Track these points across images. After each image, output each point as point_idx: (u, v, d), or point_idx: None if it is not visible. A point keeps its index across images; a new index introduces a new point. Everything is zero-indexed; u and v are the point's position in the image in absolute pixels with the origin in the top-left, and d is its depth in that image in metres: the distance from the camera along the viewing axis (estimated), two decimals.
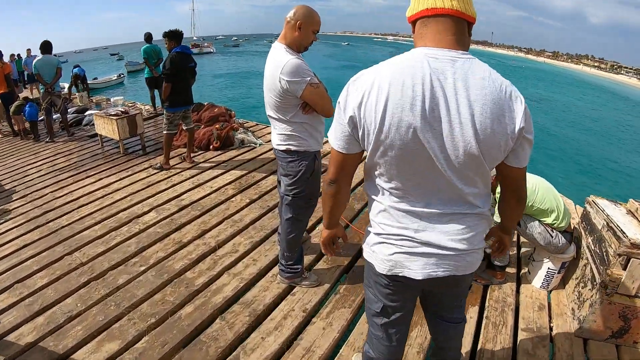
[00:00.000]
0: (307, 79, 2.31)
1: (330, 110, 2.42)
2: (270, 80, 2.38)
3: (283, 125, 2.50)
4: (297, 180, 2.60)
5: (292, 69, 2.27)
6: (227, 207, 4.33)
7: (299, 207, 2.71)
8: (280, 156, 2.62)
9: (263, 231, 3.80)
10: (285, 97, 2.37)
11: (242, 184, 4.93)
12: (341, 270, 3.20)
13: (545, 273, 2.93)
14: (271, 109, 2.50)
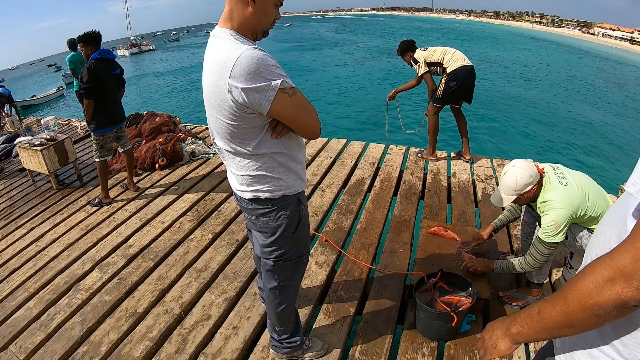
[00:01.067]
0: (276, 81, 1.42)
1: (317, 128, 1.65)
2: (214, 92, 1.49)
3: (244, 161, 1.64)
4: (277, 239, 1.81)
5: (249, 67, 1.38)
6: (185, 249, 3.37)
7: (285, 271, 1.95)
8: (247, 207, 1.79)
9: (237, 280, 2.95)
10: (242, 117, 1.49)
11: (200, 212, 3.97)
12: (349, 323, 2.54)
13: None
14: (221, 137, 1.63)
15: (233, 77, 1.39)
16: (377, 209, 3.68)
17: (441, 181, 4.17)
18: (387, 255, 3.09)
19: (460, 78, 4.06)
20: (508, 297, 2.65)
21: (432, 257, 2.83)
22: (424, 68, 4.26)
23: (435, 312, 2.24)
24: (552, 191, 2.25)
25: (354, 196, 3.92)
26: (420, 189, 4.05)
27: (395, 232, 3.37)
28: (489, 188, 4.09)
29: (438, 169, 4.43)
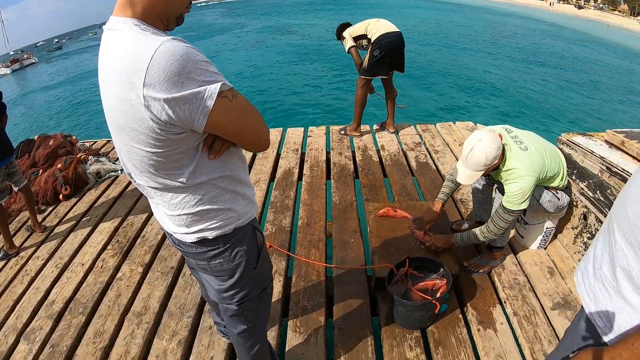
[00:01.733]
0: (212, 85, 1.07)
1: (266, 135, 1.32)
2: (122, 111, 1.09)
3: (178, 197, 1.28)
4: (237, 281, 1.49)
5: (171, 67, 1.00)
6: (117, 292, 2.86)
7: (252, 310, 1.64)
8: (191, 252, 1.44)
9: (186, 315, 2.55)
10: (168, 141, 1.12)
11: (122, 242, 3.42)
12: (323, 335, 2.32)
13: (544, 233, 2.66)
14: (141, 172, 1.24)
15: (149, 85, 1.00)
16: (314, 200, 3.48)
17: (372, 157, 4.08)
18: (339, 249, 2.92)
19: (384, 46, 3.91)
20: (473, 265, 2.64)
21: (389, 242, 2.71)
22: (350, 43, 4.09)
23: (417, 304, 2.14)
24: (514, 158, 2.22)
25: (286, 189, 3.68)
26: (353, 169, 3.92)
27: (340, 221, 3.21)
28: (421, 156, 4.08)
29: (365, 144, 4.33)
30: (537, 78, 12.26)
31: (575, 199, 2.64)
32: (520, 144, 2.27)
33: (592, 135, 2.71)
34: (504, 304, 2.45)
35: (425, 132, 4.58)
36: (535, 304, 2.42)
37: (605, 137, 2.63)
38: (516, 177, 2.17)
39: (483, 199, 2.78)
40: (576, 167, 2.61)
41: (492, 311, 2.40)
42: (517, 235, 2.84)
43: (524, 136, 2.33)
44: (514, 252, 2.79)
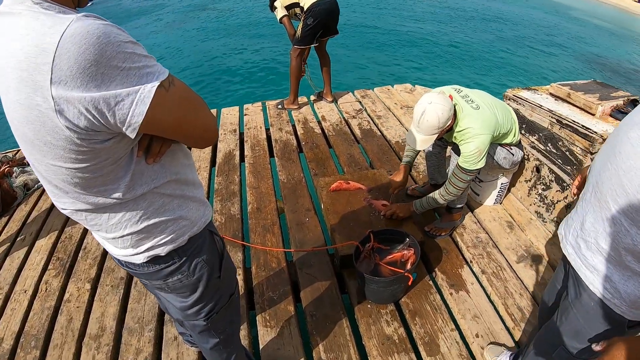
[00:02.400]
0: (145, 70, 0.85)
1: (213, 127, 1.08)
2: (27, 121, 0.84)
3: (116, 216, 1.06)
4: (201, 295, 1.33)
5: (87, 55, 0.76)
6: (67, 317, 2.53)
7: (222, 321, 1.49)
8: (143, 272, 1.23)
9: (147, 330, 2.32)
10: (94, 152, 0.90)
11: (63, 259, 3.05)
12: (296, 325, 2.20)
13: (499, 189, 2.67)
14: (65, 193, 1.00)
15: (59, 83, 0.77)
16: (260, 182, 3.29)
17: (313, 129, 3.93)
18: (296, 230, 2.77)
19: (317, 14, 3.70)
20: (435, 229, 2.62)
21: (347, 217, 2.61)
22: (281, 12, 3.82)
23: (390, 280, 2.06)
24: (467, 118, 2.16)
25: (229, 174, 3.44)
26: (296, 144, 3.75)
27: (291, 200, 3.05)
28: (364, 123, 3.99)
29: (304, 117, 4.16)
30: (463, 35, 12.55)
31: (527, 153, 2.67)
32: (471, 102, 2.22)
33: (537, 89, 2.73)
34: (470, 263, 2.46)
35: (365, 98, 4.48)
36: (501, 259, 2.45)
37: (550, 91, 2.66)
38: (471, 137, 2.13)
39: (437, 162, 2.74)
40: (525, 121, 2.63)
41: (460, 273, 2.39)
42: (473, 194, 2.84)
43: (474, 95, 2.29)
44: (472, 210, 2.80)
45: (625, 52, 12.67)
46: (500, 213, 2.75)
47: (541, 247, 2.51)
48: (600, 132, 2.18)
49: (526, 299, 2.22)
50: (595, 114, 2.33)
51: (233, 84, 7.93)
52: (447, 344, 2.01)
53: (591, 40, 13.29)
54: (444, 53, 10.55)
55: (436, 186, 2.86)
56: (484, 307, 2.19)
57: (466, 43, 11.63)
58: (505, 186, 2.69)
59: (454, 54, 10.54)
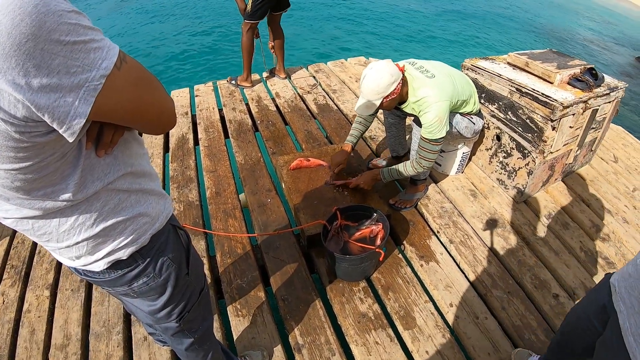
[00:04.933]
0: (92, 45, 0.69)
1: (172, 108, 0.94)
2: None
3: (67, 221, 0.94)
4: (171, 296, 1.23)
5: (20, 28, 0.61)
6: (30, 328, 2.33)
7: (195, 320, 1.40)
8: (104, 280, 1.10)
9: (114, 333, 2.19)
10: (35, 148, 0.75)
11: (18, 265, 2.78)
12: (269, 311, 2.14)
13: (461, 158, 2.70)
14: (5, 199, 0.85)
15: None
16: (217, 165, 3.16)
17: (268, 107, 3.81)
18: (258, 213, 2.68)
19: None
20: (399, 202, 2.61)
21: (310, 195, 2.56)
22: None
23: (361, 257, 2.02)
24: (423, 87, 2.15)
25: (184, 159, 3.28)
26: (251, 123, 3.62)
27: (251, 182, 2.95)
28: (319, 98, 3.91)
29: (258, 94, 4.02)
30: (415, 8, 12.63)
31: (487, 121, 2.71)
32: (426, 72, 2.21)
33: (495, 59, 2.76)
34: (438, 234, 2.47)
35: (319, 73, 4.38)
36: (467, 228, 2.48)
37: (508, 60, 2.69)
38: (429, 105, 2.12)
39: (397, 133, 2.73)
40: (484, 90, 2.64)
41: (429, 244, 2.40)
42: (435, 164, 2.85)
43: (429, 65, 2.28)
44: (435, 181, 2.81)
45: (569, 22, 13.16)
46: (462, 182, 2.78)
47: (505, 214, 2.56)
48: (560, 100, 2.22)
49: (495, 265, 2.27)
50: (554, 82, 2.38)
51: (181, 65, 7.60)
52: (423, 316, 2.02)
53: (535, 12, 13.74)
54: (397, 27, 10.58)
55: (397, 158, 2.86)
56: (455, 276, 2.21)
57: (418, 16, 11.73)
58: (467, 155, 2.71)
59: (407, 28, 10.60)
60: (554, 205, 2.68)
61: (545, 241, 2.44)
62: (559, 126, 2.30)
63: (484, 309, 2.06)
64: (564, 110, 2.24)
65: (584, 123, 2.48)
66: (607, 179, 3.00)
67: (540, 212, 2.61)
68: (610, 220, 2.63)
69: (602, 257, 2.39)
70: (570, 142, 2.52)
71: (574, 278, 2.25)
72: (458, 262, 2.29)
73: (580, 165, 2.98)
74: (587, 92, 2.36)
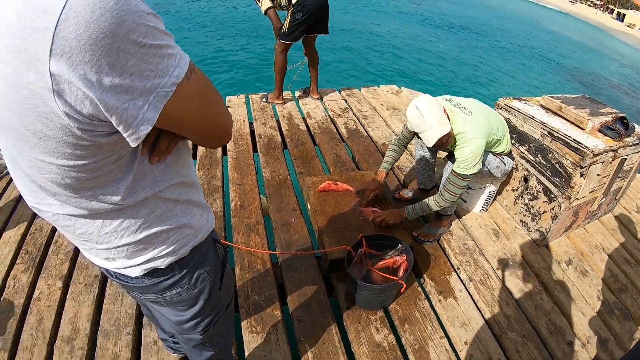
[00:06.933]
0: (166, 51, 0.69)
1: (230, 123, 0.95)
2: (11, 102, 0.65)
3: (112, 224, 0.93)
4: (201, 309, 1.24)
5: (99, 24, 0.59)
6: (38, 316, 2.37)
7: (218, 334, 1.42)
8: (137, 285, 1.11)
9: (124, 333, 2.22)
10: (95, 147, 0.74)
11: (33, 252, 2.85)
12: (283, 331, 2.18)
13: (487, 197, 2.76)
14: (51, 194, 0.84)
15: (62, 55, 0.59)
16: (244, 178, 3.27)
17: (298, 126, 3.92)
18: (281, 231, 2.75)
19: (307, 9, 3.64)
20: (423, 235, 2.67)
21: (336, 219, 2.62)
22: (267, 4, 3.72)
23: (383, 287, 2.10)
24: (460, 123, 2.22)
25: (211, 168, 3.39)
26: (281, 140, 3.74)
27: (276, 199, 3.03)
28: (350, 122, 4.01)
29: (289, 112, 4.14)
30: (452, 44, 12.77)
31: (516, 162, 2.76)
32: (463, 109, 2.29)
33: (528, 100, 2.83)
34: (458, 270, 2.52)
35: (351, 97, 4.50)
36: (487, 267, 2.53)
37: (541, 102, 2.76)
38: (466, 141, 2.19)
39: (427, 166, 2.80)
40: (516, 131, 2.71)
41: (449, 279, 2.45)
42: (460, 200, 2.92)
43: (466, 102, 2.36)
44: (458, 216, 2.87)
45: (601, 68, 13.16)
46: (486, 220, 2.84)
47: (526, 256, 2.61)
48: (591, 147, 2.28)
49: (512, 307, 2.31)
50: (586, 128, 2.44)
51: (216, 74, 7.80)
52: (437, 352, 2.07)
53: (568, 54, 13.78)
54: (430, 59, 10.70)
55: (425, 191, 2.92)
56: (472, 314, 2.26)
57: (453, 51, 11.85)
58: (493, 194, 2.77)
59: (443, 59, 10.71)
60: (575, 251, 2.72)
61: (563, 287, 2.48)
62: (587, 173, 2.36)
63: (498, 350, 2.10)
64: (594, 157, 2.29)
65: (611, 171, 2.53)
66: (628, 229, 3.03)
67: (561, 257, 2.65)
68: (629, 271, 2.65)
69: (618, 307, 2.41)
70: (596, 189, 2.57)
71: (589, 327, 2.28)
72: (476, 301, 2.34)
73: (604, 213, 3.01)
74: (618, 141, 2.41)
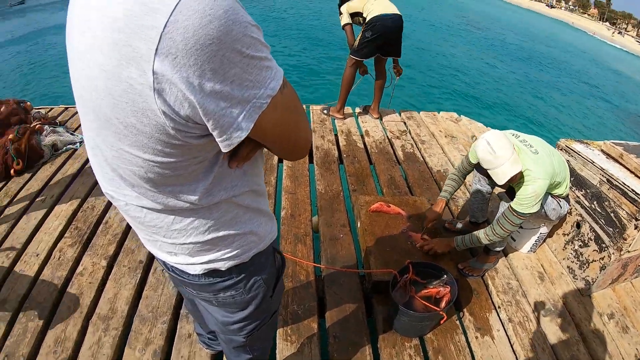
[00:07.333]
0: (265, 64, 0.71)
1: (311, 138, 1.00)
2: (109, 94, 0.69)
3: (184, 221, 0.95)
4: (251, 314, 1.25)
5: (208, 30, 0.61)
6: (78, 290, 2.47)
7: (260, 339, 1.45)
8: (193, 283, 1.13)
9: (160, 321, 2.29)
10: (184, 148, 0.76)
11: (82, 229, 3.00)
12: (317, 344, 2.23)
13: (537, 238, 2.77)
14: (130, 185, 0.87)
15: (167, 56, 0.62)
16: (298, 187, 3.41)
17: (356, 143, 4.04)
18: (328, 245, 2.85)
19: (378, 28, 3.77)
20: (468, 269, 2.70)
21: (384, 241, 2.69)
22: (346, 19, 3.91)
23: (424, 316, 2.16)
24: (526, 161, 2.24)
25: (266, 175, 3.55)
26: (337, 155, 3.86)
27: (327, 213, 3.15)
28: (407, 145, 4.09)
29: (348, 128, 4.27)
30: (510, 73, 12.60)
31: (570, 207, 2.75)
32: (530, 147, 2.31)
33: (590, 144, 2.80)
34: (498, 309, 2.54)
35: (410, 120, 4.58)
36: (528, 309, 2.53)
37: (602, 147, 2.73)
38: (530, 180, 2.21)
39: (482, 200, 2.83)
40: (574, 174, 2.70)
41: (488, 317, 2.48)
42: (510, 239, 2.93)
43: (532, 140, 2.39)
44: (505, 254, 2.89)
45: None
46: (533, 262, 2.84)
47: (568, 304, 2.59)
48: None
49: (548, 354, 2.31)
50: None
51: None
52: None
53: (634, 98, 13.18)
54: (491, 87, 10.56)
55: (475, 224, 2.96)
56: (507, 356, 2.27)
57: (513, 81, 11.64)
58: (543, 236, 2.78)
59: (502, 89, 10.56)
60: (618, 305, 2.67)
61: (602, 341, 2.44)
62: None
63: None
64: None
65: None
66: None
67: (603, 310, 2.60)
68: None
69: None
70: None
71: None
72: (512, 342, 2.36)
73: None
74: None
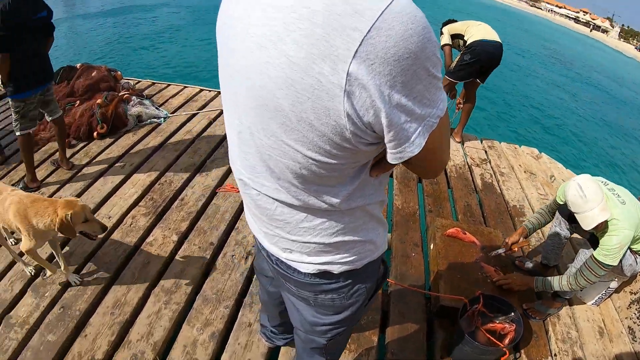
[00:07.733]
0: (439, 85, 0.71)
1: (447, 160, 0.93)
2: (291, 86, 0.68)
3: (315, 221, 0.95)
4: (344, 319, 1.26)
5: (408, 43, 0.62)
6: (145, 259, 2.57)
7: (338, 344, 1.51)
8: (298, 280, 1.13)
9: (223, 305, 2.35)
10: (351, 153, 0.77)
11: (157, 201, 3.15)
12: (375, 357, 2.29)
13: (604, 292, 2.85)
14: (276, 177, 0.88)
15: (365, 60, 0.62)
16: None
17: None
18: (399, 261, 2.96)
19: (478, 53, 3.87)
20: (532, 311, 2.77)
21: (456, 267, 2.80)
22: (446, 39, 4.06)
23: (487, 349, 2.27)
24: (614, 210, 2.26)
25: None
26: None
27: (401, 229, 3.28)
28: (486, 175, 4.20)
29: None
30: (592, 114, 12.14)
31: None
32: (618, 196, 2.34)
33: None
34: (554, 357, 2.62)
35: (491, 150, 4.68)
36: None
37: None
38: (615, 230, 2.21)
39: (558, 243, 2.88)
40: None
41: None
42: None
43: (620, 190, 2.41)
44: (570, 303, 2.97)
45: None
46: (595, 315, 2.91)
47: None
48: None
49: None
50: None
51: None
52: None
53: None
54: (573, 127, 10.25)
55: (546, 267, 3.04)
56: None
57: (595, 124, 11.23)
58: (611, 292, 2.85)
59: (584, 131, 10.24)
60: None
61: None
62: None
63: None
64: None
65: None
66: None
67: None
68: None
69: None
70: None
71: None
72: None
73: None
74: None
